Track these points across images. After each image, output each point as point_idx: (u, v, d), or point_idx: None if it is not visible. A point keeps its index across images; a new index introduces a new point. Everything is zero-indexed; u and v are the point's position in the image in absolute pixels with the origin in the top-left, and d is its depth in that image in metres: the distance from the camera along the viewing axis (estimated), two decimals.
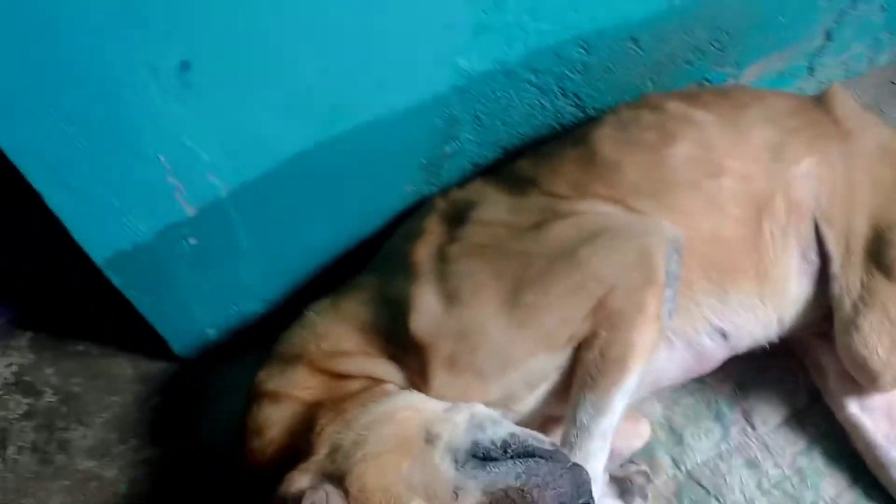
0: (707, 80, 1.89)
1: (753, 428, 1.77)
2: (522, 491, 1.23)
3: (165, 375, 1.78)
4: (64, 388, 1.74)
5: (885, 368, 1.56)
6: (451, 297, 1.46)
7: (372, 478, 1.26)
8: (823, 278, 1.62)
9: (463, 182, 1.71)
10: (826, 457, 1.75)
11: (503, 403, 1.48)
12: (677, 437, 1.76)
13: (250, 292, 1.73)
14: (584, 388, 1.45)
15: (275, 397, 1.45)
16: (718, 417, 1.78)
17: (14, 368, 1.76)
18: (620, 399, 1.44)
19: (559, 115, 1.78)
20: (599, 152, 1.60)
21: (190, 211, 1.47)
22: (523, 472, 1.25)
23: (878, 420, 1.70)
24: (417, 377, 1.46)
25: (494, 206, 1.59)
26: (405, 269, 1.52)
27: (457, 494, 1.27)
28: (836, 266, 1.60)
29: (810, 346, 1.78)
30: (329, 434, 1.34)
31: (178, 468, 1.66)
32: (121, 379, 1.76)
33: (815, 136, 1.63)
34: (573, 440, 1.45)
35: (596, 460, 1.44)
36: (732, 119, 1.64)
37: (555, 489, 1.25)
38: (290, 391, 1.45)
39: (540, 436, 1.35)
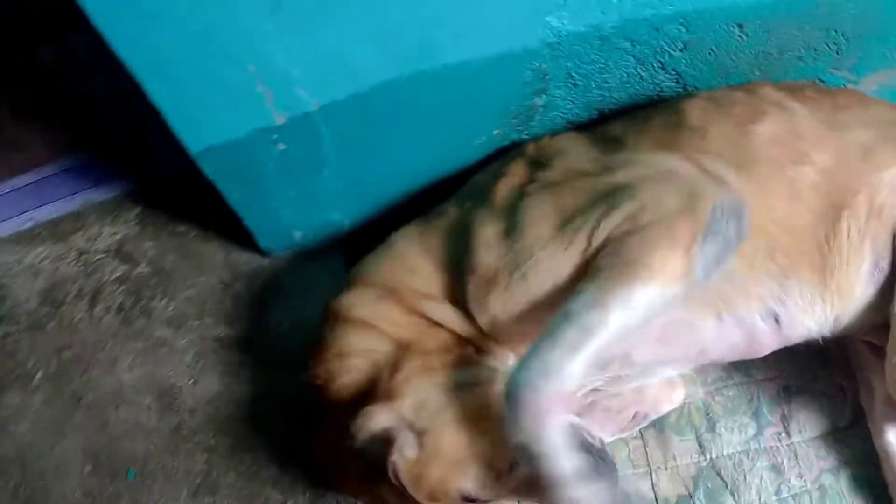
0: (822, 82, 1.82)
1: (788, 435, 1.78)
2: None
3: (251, 266, 1.89)
4: (158, 262, 1.88)
5: None
6: (513, 230, 1.51)
7: (447, 442, 1.42)
8: (890, 290, 1.58)
9: (554, 133, 1.74)
10: (852, 481, 1.74)
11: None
12: (710, 424, 1.79)
13: (335, 203, 1.80)
14: (586, 280, 1.41)
15: (363, 326, 1.54)
16: (756, 416, 1.80)
17: (118, 237, 1.90)
18: (616, 302, 1.37)
19: (658, 88, 1.76)
20: (687, 118, 1.61)
21: (279, 119, 1.51)
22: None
23: None
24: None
25: (578, 157, 1.62)
26: (483, 204, 1.58)
27: (512, 468, 1.41)
28: None
29: (866, 361, 1.76)
30: (415, 386, 1.46)
31: (243, 351, 1.79)
32: (211, 262, 1.88)
33: None
34: (549, 325, 1.39)
35: (565, 352, 1.36)
36: (827, 115, 1.61)
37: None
38: (380, 324, 1.54)
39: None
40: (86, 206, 1.94)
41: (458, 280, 1.54)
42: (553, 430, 1.36)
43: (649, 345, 1.57)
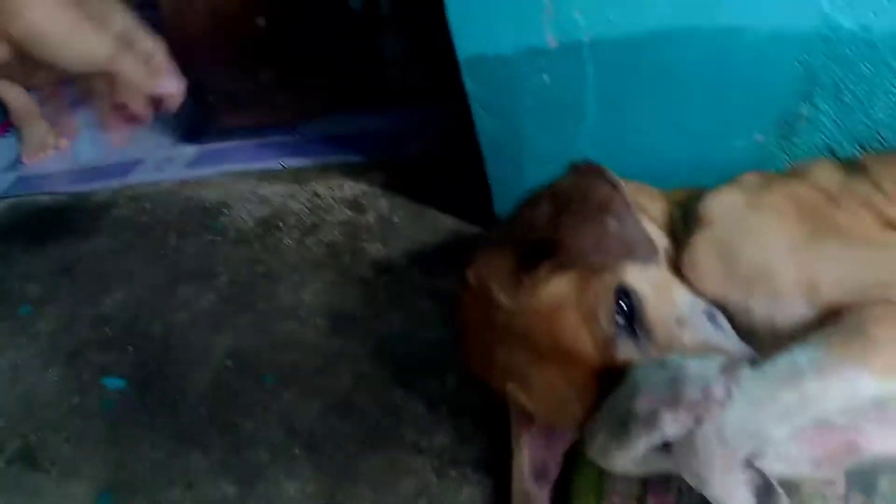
0: None
1: None
2: None
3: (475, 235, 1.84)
4: (386, 217, 1.86)
5: None
6: (753, 204, 1.38)
7: None
8: None
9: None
10: None
11: (737, 315, 1.30)
12: None
13: None
14: (822, 337, 1.20)
15: None
16: None
17: (356, 192, 1.92)
18: (845, 380, 1.17)
19: None
20: None
21: (551, 41, 1.52)
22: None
23: None
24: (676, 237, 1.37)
25: (825, 177, 1.46)
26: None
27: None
28: None
29: None
30: None
31: (436, 301, 1.68)
32: (438, 227, 1.83)
33: None
34: (770, 368, 1.19)
35: (775, 413, 1.16)
36: None
37: None
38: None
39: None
40: (337, 163, 1.99)
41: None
42: (730, 486, 1.19)
43: None
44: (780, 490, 1.23)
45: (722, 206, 1.38)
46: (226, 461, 1.43)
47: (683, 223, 1.39)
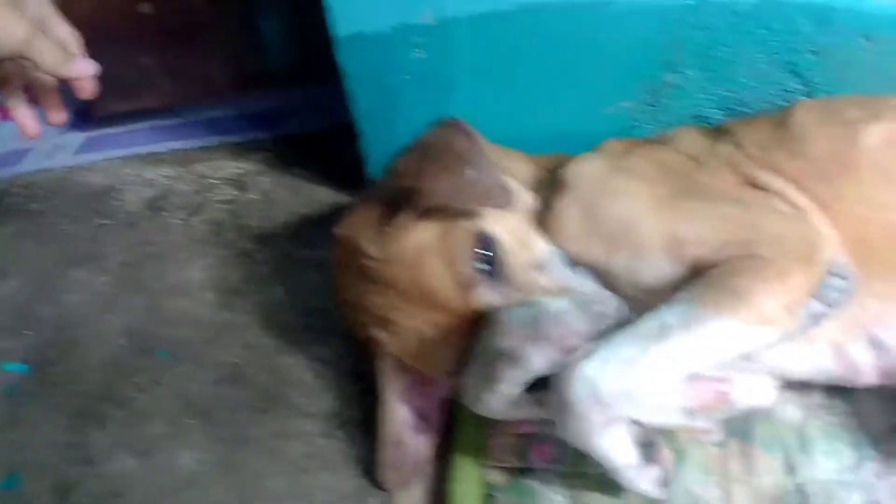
0: None
1: (892, 476, 1.46)
2: None
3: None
4: (268, 194, 1.94)
5: None
6: (615, 168, 1.48)
7: None
8: None
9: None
10: None
11: (603, 275, 1.39)
12: (803, 445, 1.51)
13: None
14: (688, 293, 1.30)
15: None
16: (858, 448, 1.51)
17: (240, 171, 2.00)
18: (712, 332, 1.26)
19: (787, 96, 1.74)
20: (793, 120, 1.53)
21: (426, 17, 1.60)
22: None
23: None
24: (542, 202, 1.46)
25: (690, 142, 1.58)
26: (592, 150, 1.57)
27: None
28: None
29: None
30: None
31: (318, 271, 1.75)
32: (317, 200, 1.91)
33: None
34: (639, 328, 1.28)
35: (642, 369, 1.25)
36: None
37: None
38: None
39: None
40: (219, 144, 2.07)
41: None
42: (608, 439, 1.29)
43: None
44: (662, 444, 1.37)
45: (585, 170, 1.47)
46: (125, 436, 1.50)
47: (550, 188, 1.48)
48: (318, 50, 1.76)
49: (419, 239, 1.37)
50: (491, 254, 1.33)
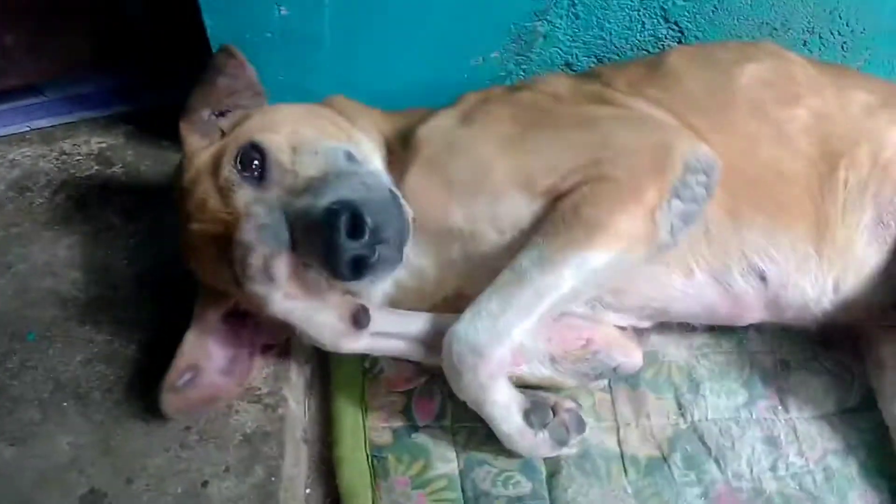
0: None
1: (786, 410, 1.52)
2: None
3: None
4: (133, 166, 1.87)
5: None
6: (465, 119, 1.48)
7: None
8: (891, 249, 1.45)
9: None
10: (864, 468, 1.46)
11: (469, 236, 1.41)
12: (693, 385, 1.54)
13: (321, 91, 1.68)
14: (541, 235, 1.34)
15: None
16: (748, 386, 1.55)
17: (103, 146, 1.92)
18: (572, 266, 1.30)
19: (659, 44, 1.76)
20: (667, 61, 1.57)
21: None
22: None
23: None
24: (398, 168, 1.45)
25: (554, 83, 1.59)
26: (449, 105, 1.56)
27: None
28: None
29: (875, 340, 1.54)
30: None
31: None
32: None
33: None
34: (499, 280, 1.32)
35: (514, 314, 1.30)
36: (827, 70, 1.57)
37: None
38: None
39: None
40: (82, 120, 1.98)
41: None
42: (500, 394, 1.35)
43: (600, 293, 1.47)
44: (547, 401, 1.40)
45: (434, 130, 1.47)
46: None
47: (404, 149, 1.48)
48: (179, 22, 1.73)
49: (200, 160, 1.40)
50: (258, 158, 1.33)
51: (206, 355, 1.42)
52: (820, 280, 1.45)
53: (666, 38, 1.76)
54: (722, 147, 1.43)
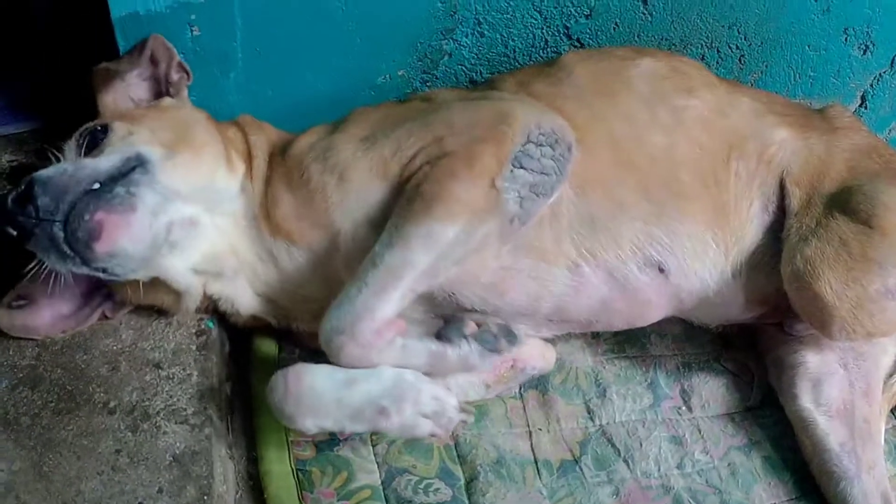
0: None
1: (689, 409, 1.59)
2: None
3: None
4: None
5: (839, 303, 1.41)
6: (334, 129, 1.51)
7: None
8: (777, 238, 1.52)
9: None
10: (768, 462, 1.55)
11: (353, 244, 1.42)
12: (600, 390, 1.60)
13: (234, 109, 1.71)
14: (391, 217, 1.36)
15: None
16: (652, 387, 1.61)
17: (14, 164, 1.85)
18: (418, 240, 1.32)
19: None
20: (561, 59, 1.61)
21: None
22: None
23: (834, 423, 1.53)
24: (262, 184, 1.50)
25: (444, 92, 1.64)
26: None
27: None
28: (792, 215, 1.51)
29: (772, 342, 1.63)
30: None
31: None
32: None
33: (801, 123, 1.61)
34: (359, 268, 1.35)
35: (371, 294, 1.32)
36: (716, 78, 1.65)
37: None
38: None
39: None
40: None
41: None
42: (386, 355, 1.35)
43: (476, 289, 1.46)
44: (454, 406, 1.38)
45: (301, 145, 1.50)
46: None
47: (280, 156, 1.52)
48: (89, 41, 1.69)
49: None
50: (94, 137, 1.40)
51: (46, 296, 1.45)
52: (718, 265, 1.50)
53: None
54: (607, 135, 1.48)
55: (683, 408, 1.60)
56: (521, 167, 1.37)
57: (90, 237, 1.27)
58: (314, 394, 1.31)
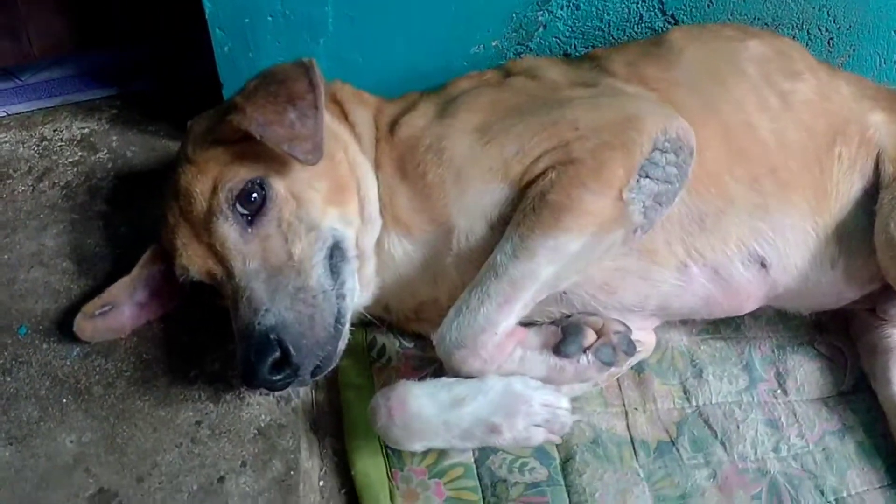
0: None
1: (785, 393, 1.57)
2: None
3: None
4: (119, 152, 1.82)
5: None
6: (443, 114, 1.47)
7: None
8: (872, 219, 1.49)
9: None
10: (861, 448, 1.52)
11: (466, 243, 1.41)
12: (696, 371, 1.58)
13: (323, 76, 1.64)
14: (514, 225, 1.34)
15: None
16: (748, 369, 1.59)
17: (86, 131, 1.86)
18: (544, 252, 1.30)
19: (655, 35, 1.76)
20: (668, 39, 1.59)
21: None
22: None
23: None
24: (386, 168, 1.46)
25: (548, 69, 1.60)
26: (436, 92, 1.56)
27: None
28: (884, 188, 1.49)
29: (865, 326, 1.60)
30: None
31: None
32: (172, 157, 1.71)
33: (892, 106, 1.58)
34: (479, 275, 1.33)
35: (494, 306, 1.30)
36: (823, 64, 1.62)
37: None
38: None
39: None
40: (63, 104, 1.92)
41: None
42: (503, 371, 1.35)
43: (588, 288, 1.45)
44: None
45: (411, 127, 1.46)
46: None
47: (388, 135, 1.48)
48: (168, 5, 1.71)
49: (211, 155, 1.37)
50: (255, 201, 1.33)
51: (128, 295, 1.47)
52: (818, 255, 1.48)
53: (662, 30, 1.78)
54: (720, 126, 1.46)
55: (779, 391, 1.57)
56: (647, 177, 1.35)
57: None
58: (421, 420, 1.30)
